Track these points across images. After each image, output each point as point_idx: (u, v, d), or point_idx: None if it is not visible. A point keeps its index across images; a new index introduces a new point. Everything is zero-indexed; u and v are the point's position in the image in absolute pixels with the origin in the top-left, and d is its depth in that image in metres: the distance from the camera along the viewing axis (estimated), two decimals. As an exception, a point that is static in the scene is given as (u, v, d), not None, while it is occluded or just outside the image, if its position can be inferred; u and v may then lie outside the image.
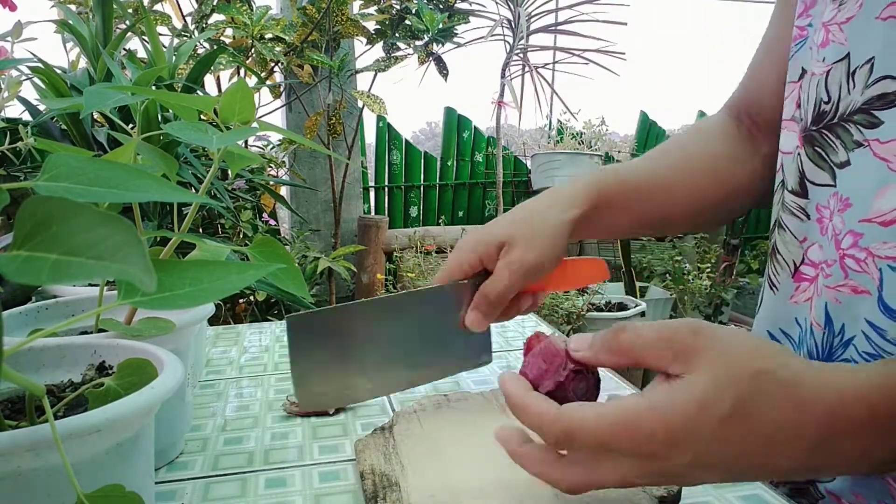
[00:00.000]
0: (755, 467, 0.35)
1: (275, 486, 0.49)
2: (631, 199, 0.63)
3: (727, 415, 0.34)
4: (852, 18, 0.50)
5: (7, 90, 0.65)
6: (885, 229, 0.46)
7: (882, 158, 0.47)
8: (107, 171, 0.28)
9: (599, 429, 0.35)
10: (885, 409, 0.34)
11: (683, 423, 0.34)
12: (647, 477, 0.36)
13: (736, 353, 0.35)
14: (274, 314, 1.92)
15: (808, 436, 0.34)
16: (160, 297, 0.29)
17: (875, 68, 0.48)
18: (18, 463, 0.28)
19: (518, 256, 0.55)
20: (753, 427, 0.34)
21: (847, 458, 0.35)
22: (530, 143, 3.80)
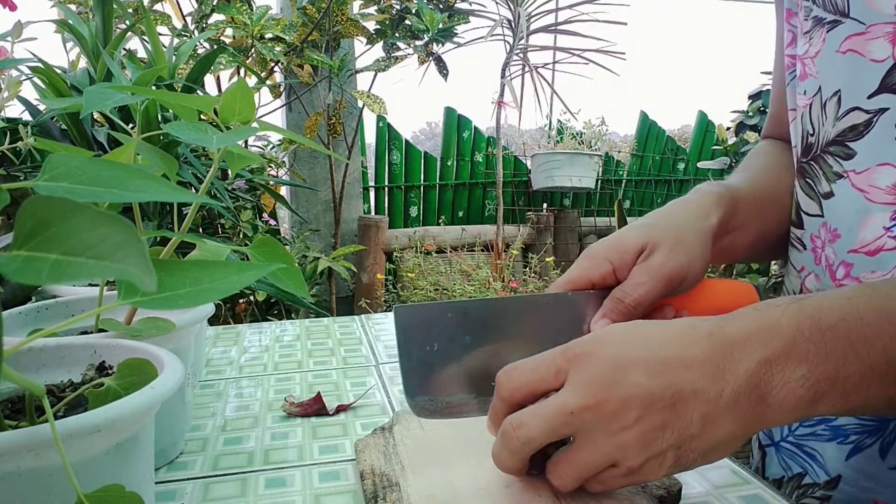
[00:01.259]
0: (673, 362, 0.37)
1: (275, 486, 0.49)
2: (750, 209, 0.57)
3: (635, 323, 0.41)
4: (819, 52, 0.51)
5: (7, 90, 0.65)
6: (871, 259, 0.48)
7: (859, 189, 0.48)
8: (107, 171, 0.28)
9: (530, 360, 0.41)
10: (756, 305, 0.39)
11: (600, 332, 0.41)
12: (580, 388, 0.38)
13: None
14: (274, 314, 1.92)
15: (701, 328, 0.38)
16: (160, 297, 0.29)
17: (843, 101, 0.49)
18: (18, 463, 0.28)
19: (660, 260, 0.48)
20: (660, 329, 0.39)
21: (740, 343, 0.37)
22: (530, 143, 3.80)
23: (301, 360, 0.77)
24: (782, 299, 0.39)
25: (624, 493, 0.44)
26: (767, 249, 0.62)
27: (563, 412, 0.38)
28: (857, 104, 0.48)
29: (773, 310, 0.38)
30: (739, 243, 0.57)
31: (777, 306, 0.38)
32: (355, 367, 0.75)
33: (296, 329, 0.91)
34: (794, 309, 0.37)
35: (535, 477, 0.45)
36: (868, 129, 0.48)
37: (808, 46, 0.53)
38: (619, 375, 0.37)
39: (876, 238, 0.47)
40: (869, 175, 0.48)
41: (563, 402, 0.38)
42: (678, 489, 0.45)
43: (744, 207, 0.57)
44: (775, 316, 0.37)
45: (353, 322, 0.94)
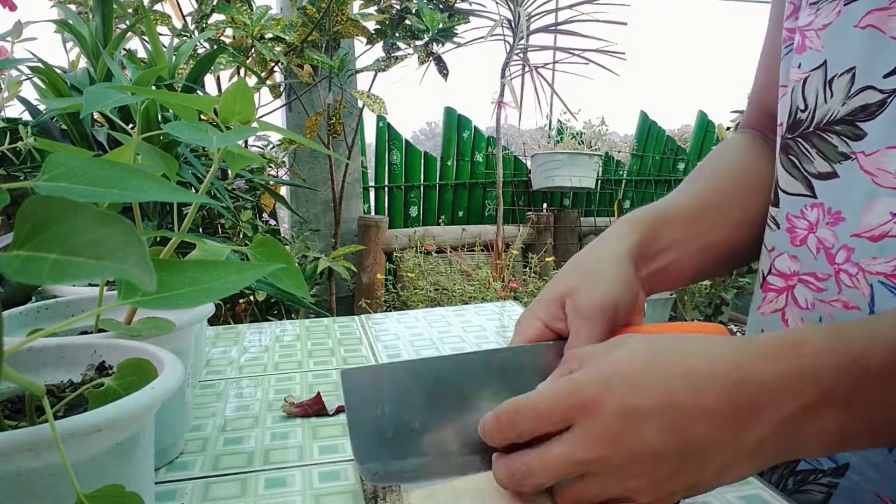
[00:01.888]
0: (688, 413, 0.35)
1: (275, 486, 0.49)
2: (682, 230, 0.56)
3: (650, 355, 0.37)
4: (829, 25, 0.49)
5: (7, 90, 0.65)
6: (874, 244, 0.46)
7: (867, 172, 0.47)
8: (107, 171, 0.28)
9: (536, 397, 0.38)
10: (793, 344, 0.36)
11: (611, 366, 0.37)
12: (588, 441, 0.36)
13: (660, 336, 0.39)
14: (274, 314, 1.92)
15: (723, 370, 0.35)
16: (160, 297, 0.29)
17: (856, 78, 0.47)
18: (18, 463, 0.28)
19: (583, 300, 0.47)
20: (674, 364, 0.36)
21: (769, 393, 0.34)
22: (530, 143, 3.81)
23: (301, 360, 0.77)
24: (822, 333, 0.36)
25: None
26: (724, 261, 0.60)
27: (569, 462, 0.36)
28: (872, 83, 0.46)
29: (813, 348, 0.35)
30: (682, 261, 0.56)
31: (819, 345, 0.35)
32: (355, 366, 0.75)
33: (296, 329, 0.91)
34: (839, 349, 0.34)
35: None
36: (881, 109, 0.46)
37: (813, 18, 0.51)
38: (629, 429, 0.35)
39: (881, 223, 0.45)
40: (878, 158, 0.46)
41: (570, 452, 0.36)
42: (678, 489, 0.45)
43: (673, 226, 0.55)
44: (816, 358, 0.34)
45: (353, 322, 0.94)
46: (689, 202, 0.59)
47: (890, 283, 0.45)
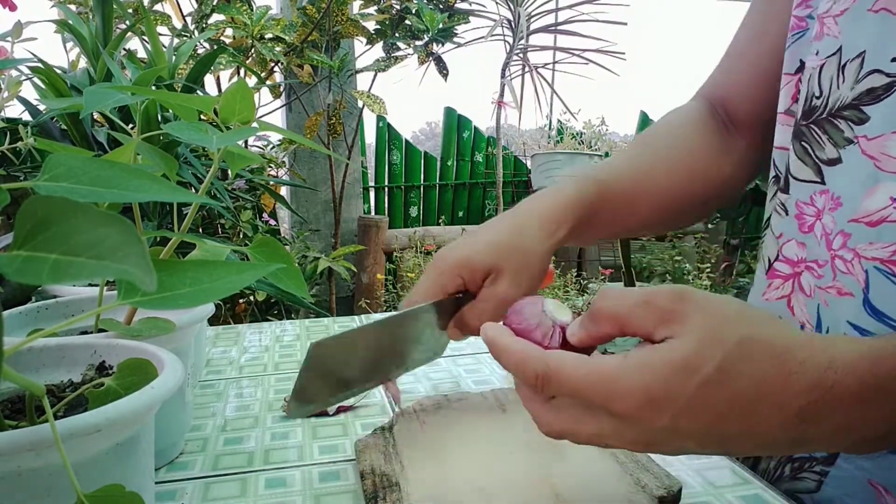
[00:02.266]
0: (735, 436, 0.33)
1: (275, 486, 0.49)
2: (615, 208, 0.60)
3: (709, 379, 0.32)
4: (846, 11, 0.49)
5: (7, 90, 0.65)
6: (871, 229, 0.45)
7: (869, 156, 0.46)
8: (107, 171, 0.28)
9: (575, 377, 0.34)
10: (873, 383, 0.32)
11: (663, 384, 0.32)
12: (623, 438, 0.34)
13: (722, 317, 0.34)
14: (274, 314, 1.92)
15: (793, 405, 0.32)
16: (160, 297, 0.29)
17: (865, 62, 0.47)
18: (18, 463, 0.28)
19: (505, 290, 0.51)
20: (736, 392, 0.32)
21: (832, 429, 0.33)
22: (530, 143, 3.81)
23: (301, 360, 0.77)
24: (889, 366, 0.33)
25: (624, 493, 0.44)
26: (631, 232, 0.66)
27: (601, 442, 0.36)
28: (879, 66, 0.45)
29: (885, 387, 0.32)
30: (599, 233, 0.61)
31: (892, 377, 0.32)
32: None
33: (296, 329, 0.91)
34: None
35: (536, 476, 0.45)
36: (887, 93, 0.45)
37: (832, 4, 0.50)
38: (669, 440, 0.34)
39: (880, 208, 0.45)
40: (882, 142, 0.45)
41: (602, 436, 0.35)
42: (678, 489, 0.45)
43: (606, 208, 0.58)
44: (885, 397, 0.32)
45: (353, 322, 0.94)
46: (628, 177, 0.62)
47: (885, 268, 0.44)
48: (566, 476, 0.46)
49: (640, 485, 0.45)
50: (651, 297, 0.34)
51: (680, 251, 3.38)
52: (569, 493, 0.44)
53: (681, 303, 0.34)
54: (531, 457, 0.49)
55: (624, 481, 0.46)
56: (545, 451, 0.49)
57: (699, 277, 3.23)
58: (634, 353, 0.34)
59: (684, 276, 3.26)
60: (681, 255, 3.36)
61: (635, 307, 0.35)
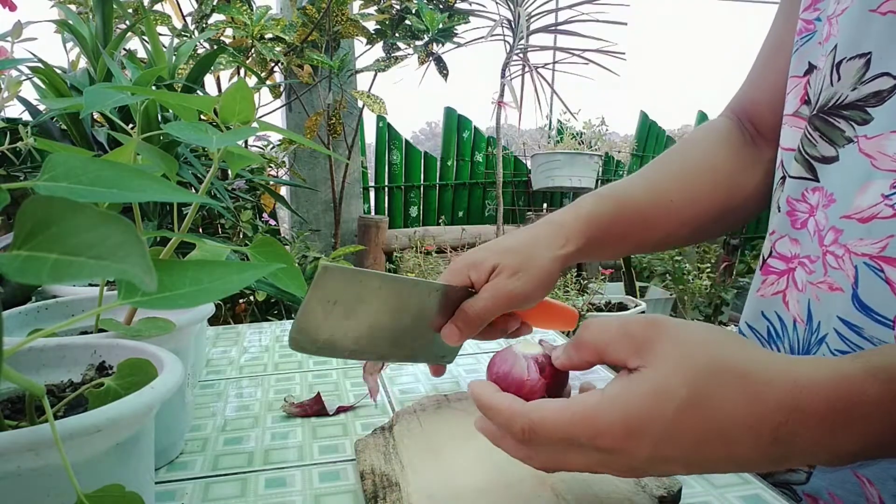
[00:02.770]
0: (716, 459, 0.34)
1: (275, 486, 0.49)
2: (632, 224, 0.61)
3: (682, 404, 0.33)
4: (846, 10, 0.49)
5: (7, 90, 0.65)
6: (862, 226, 0.46)
7: (867, 154, 0.46)
8: (107, 171, 0.28)
9: (559, 424, 0.35)
10: (838, 406, 0.33)
11: (639, 414, 0.34)
12: (610, 468, 0.36)
13: (691, 342, 0.35)
14: (274, 314, 1.92)
15: (764, 427, 0.33)
16: (160, 297, 0.29)
17: (872, 64, 0.47)
18: (18, 463, 0.28)
19: (503, 283, 0.55)
20: (709, 416, 0.33)
21: (805, 449, 0.33)
22: (530, 143, 3.80)
23: (301, 360, 0.77)
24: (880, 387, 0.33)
25: (624, 493, 0.44)
26: (653, 247, 0.67)
27: (587, 470, 0.37)
28: (888, 69, 0.46)
29: (867, 411, 0.33)
30: (618, 249, 0.63)
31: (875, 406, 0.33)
32: (355, 367, 0.75)
33: (296, 329, 0.91)
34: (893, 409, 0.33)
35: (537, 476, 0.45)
36: (891, 95, 0.45)
37: (836, 5, 0.51)
38: (655, 467, 0.35)
39: (872, 205, 0.45)
40: (880, 141, 0.46)
41: (591, 467, 0.36)
42: (678, 489, 0.45)
43: (623, 223, 0.61)
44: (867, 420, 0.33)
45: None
46: (647, 196, 0.63)
47: (874, 264, 0.45)
48: (566, 476, 0.46)
49: (639, 485, 0.45)
50: (627, 327, 0.37)
51: (680, 251, 3.38)
52: (569, 493, 0.44)
53: (653, 330, 0.36)
54: (531, 457, 0.49)
55: (624, 481, 0.46)
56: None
57: (699, 277, 3.22)
58: (610, 386, 0.35)
59: (684, 275, 3.26)
60: (681, 255, 3.36)
61: (613, 338, 0.37)
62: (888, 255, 0.44)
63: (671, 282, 3.31)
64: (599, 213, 0.59)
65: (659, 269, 3.41)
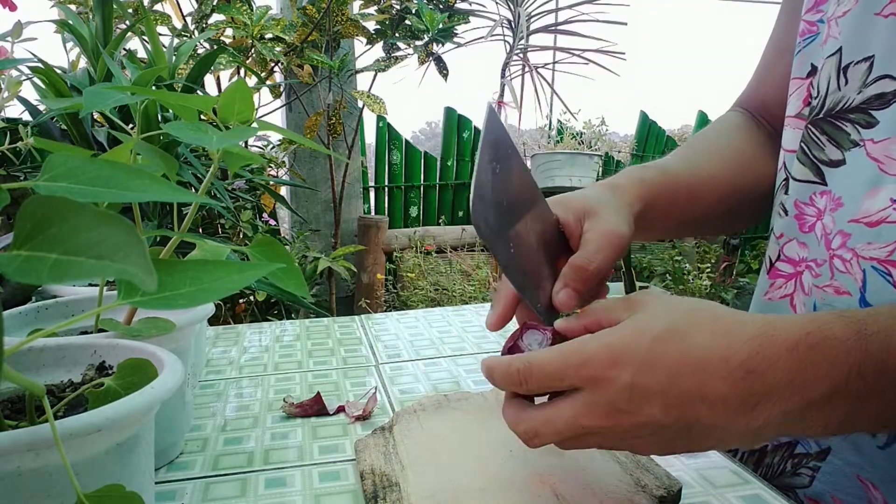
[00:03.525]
0: (692, 396, 0.35)
1: (275, 486, 0.49)
2: (676, 195, 0.58)
3: (659, 334, 0.36)
4: (848, 12, 0.49)
5: (7, 90, 0.65)
6: (870, 230, 0.46)
7: (874, 159, 0.47)
8: (107, 170, 0.28)
9: (550, 358, 0.38)
10: (806, 340, 0.34)
11: (620, 342, 0.36)
12: (593, 412, 0.37)
13: (677, 300, 0.39)
14: (274, 314, 1.92)
15: (736, 356, 0.34)
16: (160, 297, 0.29)
17: (874, 67, 0.47)
18: (18, 463, 0.28)
19: (610, 225, 0.46)
20: (684, 346, 0.35)
21: (777, 385, 0.34)
22: (530, 143, 3.80)
23: (301, 360, 0.77)
24: (843, 325, 0.35)
25: (624, 493, 0.44)
26: (693, 233, 0.67)
27: (576, 426, 0.38)
28: (890, 72, 0.46)
29: (832, 346, 0.34)
30: (661, 224, 0.60)
31: (840, 342, 0.34)
32: (355, 367, 0.75)
33: (296, 329, 0.91)
34: (858, 348, 0.34)
35: (537, 476, 0.45)
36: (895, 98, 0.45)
37: (836, 6, 0.51)
38: (635, 405, 0.36)
39: (880, 209, 0.45)
40: (887, 145, 0.46)
41: (576, 417, 0.37)
42: (678, 489, 0.45)
43: (669, 197, 0.57)
44: (832, 355, 0.34)
45: (353, 322, 0.94)
46: (688, 170, 0.61)
47: (882, 268, 0.45)
48: (566, 476, 0.46)
49: (640, 485, 0.45)
50: (628, 295, 0.41)
51: (680, 251, 3.38)
52: (569, 493, 0.44)
53: (647, 294, 0.40)
54: (531, 457, 0.49)
55: (624, 481, 0.46)
56: (545, 451, 0.49)
57: (699, 277, 3.22)
58: (598, 332, 0.38)
59: (684, 275, 3.26)
60: (681, 255, 3.36)
61: (611, 302, 0.41)
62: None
63: (671, 282, 3.31)
64: (650, 179, 0.56)
65: (659, 269, 3.41)
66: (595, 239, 0.46)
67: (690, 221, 0.62)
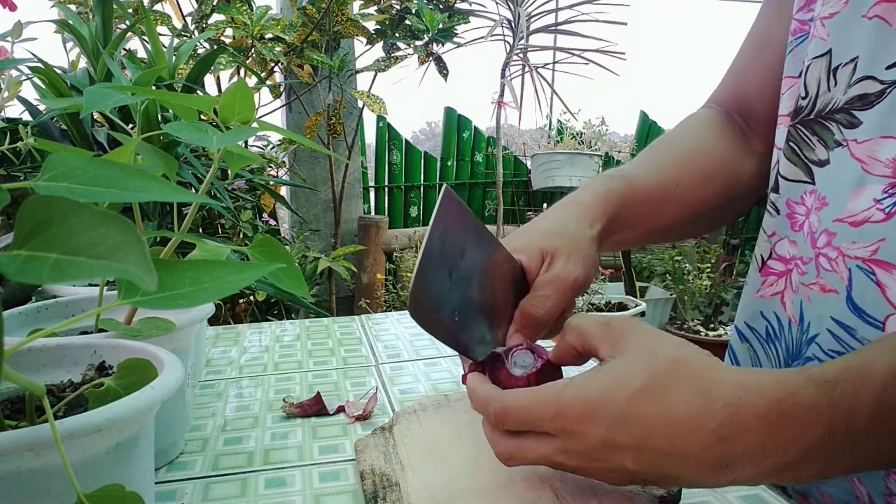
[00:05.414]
0: (663, 453, 0.35)
1: (275, 486, 0.49)
2: (643, 206, 0.59)
3: (637, 391, 0.36)
4: (836, 14, 0.50)
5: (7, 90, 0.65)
6: (854, 229, 0.47)
7: (858, 159, 0.47)
8: (107, 171, 0.28)
9: (526, 405, 0.38)
10: (776, 407, 0.34)
11: (597, 396, 0.36)
12: (566, 455, 0.38)
13: (660, 343, 0.38)
14: (274, 314, 1.92)
15: (709, 422, 0.34)
16: (160, 296, 0.29)
17: (858, 68, 0.48)
18: (18, 463, 0.28)
19: (562, 270, 0.49)
20: (660, 406, 0.35)
21: (748, 450, 0.34)
22: (530, 143, 3.80)
23: (301, 360, 0.77)
24: (813, 388, 0.34)
25: (624, 493, 0.44)
26: (662, 239, 0.67)
27: (548, 461, 0.39)
28: (872, 73, 0.46)
29: (803, 412, 0.34)
30: (629, 236, 0.60)
31: (810, 406, 0.34)
32: (355, 367, 0.75)
33: (296, 329, 0.91)
34: (829, 411, 0.34)
35: (536, 476, 0.45)
36: (879, 99, 0.46)
37: (821, 7, 0.51)
38: (605, 455, 0.37)
39: (864, 209, 0.46)
40: (871, 146, 0.46)
41: (549, 455, 0.39)
42: (678, 490, 0.45)
43: (634, 206, 0.58)
44: (803, 422, 0.34)
45: (353, 322, 0.94)
46: (654, 178, 0.61)
47: (867, 267, 0.46)
48: (566, 476, 0.46)
49: (640, 485, 0.45)
50: (607, 320, 0.41)
51: (680, 251, 3.38)
52: (569, 493, 0.44)
53: (629, 326, 0.39)
54: (531, 457, 0.49)
55: (624, 481, 0.46)
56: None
57: (699, 277, 3.22)
58: (579, 376, 0.38)
59: (684, 275, 3.26)
60: (681, 255, 3.36)
61: (593, 325, 0.41)
62: (879, 258, 0.45)
63: (671, 282, 3.31)
64: (615, 193, 0.57)
65: (659, 269, 3.41)
66: (545, 285, 0.49)
67: (659, 230, 0.63)
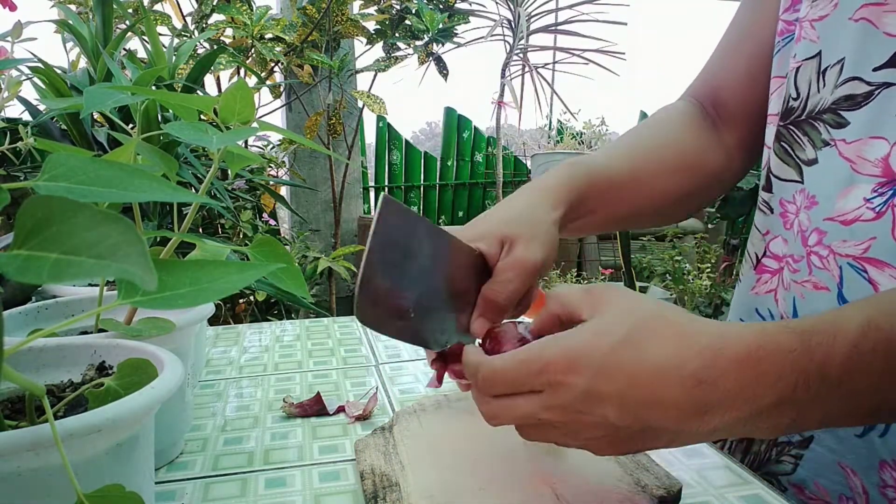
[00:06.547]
0: (647, 402, 0.36)
1: (275, 486, 0.49)
2: (603, 197, 0.60)
3: (618, 340, 0.36)
4: (826, 17, 0.50)
5: (7, 90, 0.65)
6: (845, 228, 0.48)
7: (846, 158, 0.48)
8: (107, 170, 0.28)
9: (509, 368, 0.39)
10: (756, 352, 0.35)
11: (578, 347, 0.37)
12: (550, 411, 0.38)
13: (640, 301, 0.39)
14: (274, 314, 1.92)
15: (689, 366, 0.35)
16: (160, 296, 0.29)
17: (844, 69, 0.49)
18: (18, 463, 0.28)
19: (523, 255, 0.50)
20: (641, 353, 0.36)
21: (728, 394, 0.35)
22: (530, 143, 3.81)
23: (301, 360, 0.77)
24: (787, 336, 0.36)
25: (624, 493, 0.44)
26: (620, 228, 0.69)
27: (533, 417, 0.39)
28: (859, 74, 0.47)
29: (779, 358, 0.35)
30: (589, 222, 0.61)
31: (786, 353, 0.35)
32: (355, 367, 0.75)
33: (296, 329, 0.91)
34: (803, 360, 0.35)
35: (536, 476, 0.45)
36: (867, 100, 0.47)
37: (809, 9, 0.52)
38: (590, 406, 0.37)
39: (854, 208, 0.47)
40: (859, 146, 0.47)
41: (533, 411, 0.39)
42: (678, 489, 0.45)
43: (595, 195, 0.58)
44: (779, 368, 0.35)
45: (353, 322, 0.94)
46: (617, 166, 0.62)
47: (858, 265, 0.46)
48: (566, 476, 0.46)
49: (640, 485, 0.45)
50: (588, 286, 0.42)
51: (680, 251, 3.38)
52: (569, 493, 0.44)
53: (610, 290, 0.40)
54: (531, 457, 0.49)
55: (624, 481, 0.46)
56: (545, 451, 0.49)
57: (699, 277, 3.22)
58: (560, 334, 0.39)
59: (684, 275, 3.26)
60: (681, 255, 3.36)
61: (574, 291, 0.42)
62: (871, 256, 0.46)
63: (671, 282, 3.31)
64: (577, 179, 0.57)
65: (659, 269, 3.41)
66: (506, 270, 0.49)
67: (621, 217, 0.64)
